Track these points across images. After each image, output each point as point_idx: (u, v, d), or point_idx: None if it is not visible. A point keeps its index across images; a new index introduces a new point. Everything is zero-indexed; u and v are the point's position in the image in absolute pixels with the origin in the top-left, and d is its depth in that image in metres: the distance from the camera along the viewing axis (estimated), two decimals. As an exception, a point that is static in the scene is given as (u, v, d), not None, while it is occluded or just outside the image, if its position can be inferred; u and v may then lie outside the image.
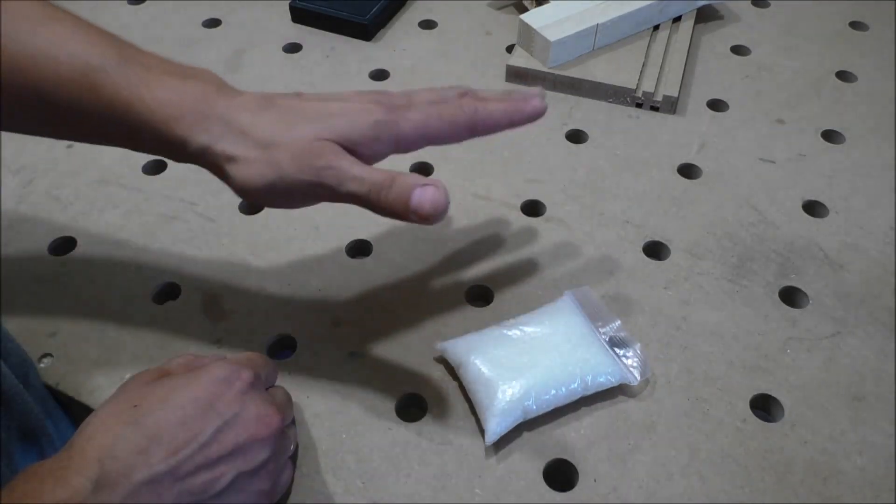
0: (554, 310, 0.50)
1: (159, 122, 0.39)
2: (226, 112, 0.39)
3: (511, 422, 0.45)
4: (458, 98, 0.41)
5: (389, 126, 0.39)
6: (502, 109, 0.41)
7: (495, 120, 0.42)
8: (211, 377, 0.39)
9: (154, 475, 0.35)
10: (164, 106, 0.39)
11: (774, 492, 0.44)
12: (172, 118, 0.39)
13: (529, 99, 0.42)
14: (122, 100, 0.39)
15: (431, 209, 0.36)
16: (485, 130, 0.42)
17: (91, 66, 0.39)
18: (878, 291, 0.53)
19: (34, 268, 0.55)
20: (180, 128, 0.39)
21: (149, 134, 0.39)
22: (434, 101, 0.41)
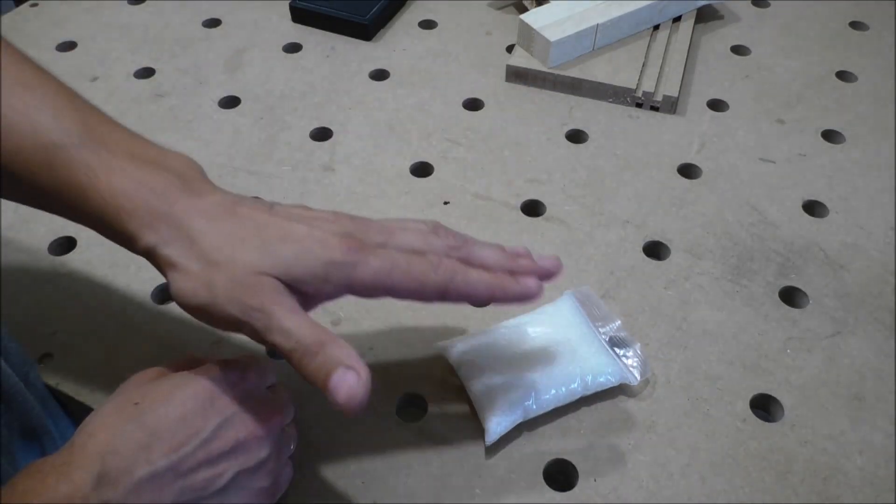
0: (554, 310, 0.50)
1: (111, 214, 0.36)
2: (182, 214, 0.36)
3: (511, 422, 0.45)
4: (440, 255, 0.38)
5: (344, 269, 0.36)
6: (485, 285, 0.38)
7: (473, 293, 0.38)
8: (211, 375, 0.39)
9: (155, 471, 0.35)
10: (117, 197, 0.36)
11: (774, 492, 0.44)
12: (124, 211, 0.36)
13: (523, 278, 0.39)
14: (77, 183, 0.37)
15: (344, 399, 0.33)
16: (458, 300, 0.38)
17: (52, 142, 0.37)
18: (878, 291, 0.53)
19: (34, 268, 0.55)
20: (131, 223, 0.36)
21: (99, 222, 0.37)
22: (411, 248, 0.37)
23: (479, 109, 0.68)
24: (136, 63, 0.73)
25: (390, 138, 0.65)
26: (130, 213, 0.36)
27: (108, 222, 0.37)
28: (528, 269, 0.40)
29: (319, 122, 0.67)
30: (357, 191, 0.61)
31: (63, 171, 0.37)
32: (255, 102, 0.69)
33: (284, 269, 0.35)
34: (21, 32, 0.77)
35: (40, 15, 0.79)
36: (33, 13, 0.80)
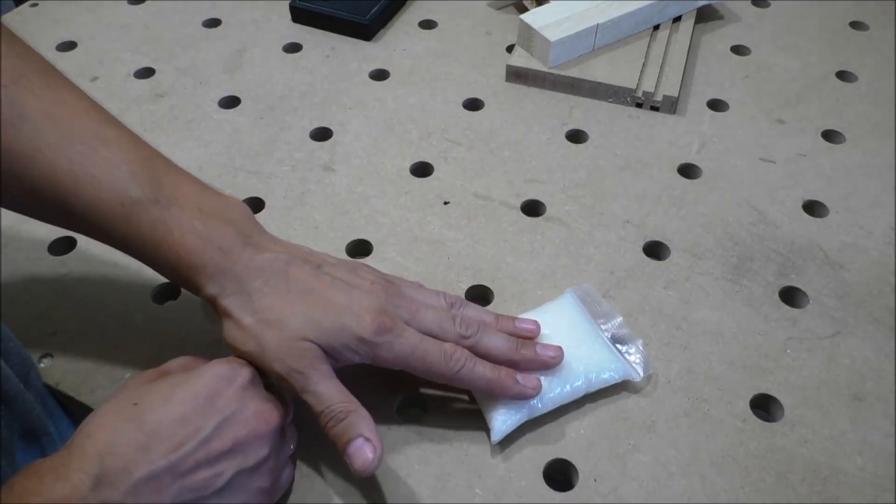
0: (556, 307, 0.50)
1: (182, 267, 0.41)
2: (242, 272, 0.41)
3: (516, 420, 0.45)
4: (453, 344, 0.43)
5: (372, 347, 0.41)
6: (486, 381, 0.43)
7: (474, 386, 0.45)
8: (210, 374, 0.39)
9: (154, 471, 0.35)
10: (189, 254, 0.41)
11: (774, 492, 0.43)
12: (194, 267, 0.41)
13: (527, 379, 0.44)
14: (152, 237, 0.41)
15: (359, 467, 0.39)
16: (460, 385, 0.44)
17: (130, 198, 0.41)
18: (878, 291, 0.53)
19: (34, 268, 0.55)
20: (199, 278, 0.41)
21: (170, 271, 0.42)
22: (430, 331, 0.43)
23: (479, 109, 0.68)
24: (136, 63, 0.73)
25: (390, 138, 0.65)
26: (199, 270, 0.41)
27: (178, 273, 0.42)
28: (529, 361, 0.45)
29: (319, 122, 0.67)
30: (357, 191, 0.61)
31: (139, 225, 0.41)
32: (255, 102, 0.69)
33: (324, 339, 0.41)
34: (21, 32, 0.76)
35: (40, 15, 0.79)
36: (33, 13, 0.80)
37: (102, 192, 0.41)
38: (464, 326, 0.44)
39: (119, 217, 0.41)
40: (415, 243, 0.57)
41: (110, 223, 0.41)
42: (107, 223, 0.41)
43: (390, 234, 0.57)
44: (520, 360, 0.45)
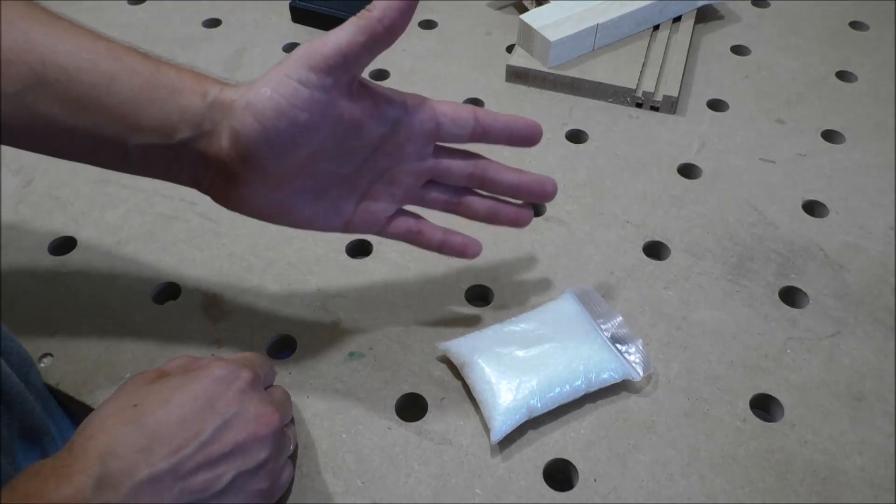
0: (556, 307, 0.50)
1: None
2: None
3: (516, 420, 0.45)
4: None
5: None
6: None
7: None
8: (210, 377, 0.39)
9: (155, 474, 0.35)
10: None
11: (774, 492, 0.44)
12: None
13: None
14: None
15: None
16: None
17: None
18: (878, 291, 0.53)
19: (34, 268, 0.55)
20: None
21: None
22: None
23: (479, 109, 0.68)
24: (136, 63, 0.73)
25: (390, 138, 0.65)
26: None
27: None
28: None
29: (319, 122, 0.67)
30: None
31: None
32: (255, 102, 0.69)
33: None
34: (21, 32, 0.77)
35: (40, 15, 0.79)
36: (33, 13, 0.80)
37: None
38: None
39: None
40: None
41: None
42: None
43: (390, 234, 0.57)
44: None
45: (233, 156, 0.39)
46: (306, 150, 0.40)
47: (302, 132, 0.39)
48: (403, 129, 0.42)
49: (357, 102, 0.40)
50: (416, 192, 0.46)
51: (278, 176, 0.40)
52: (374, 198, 0.44)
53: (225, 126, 0.39)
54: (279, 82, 0.38)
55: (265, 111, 0.38)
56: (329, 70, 0.38)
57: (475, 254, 0.48)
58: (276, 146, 0.39)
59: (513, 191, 0.47)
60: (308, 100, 0.38)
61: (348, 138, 0.41)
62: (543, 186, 0.47)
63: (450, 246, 0.47)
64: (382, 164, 0.43)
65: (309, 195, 0.42)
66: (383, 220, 0.45)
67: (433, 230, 0.47)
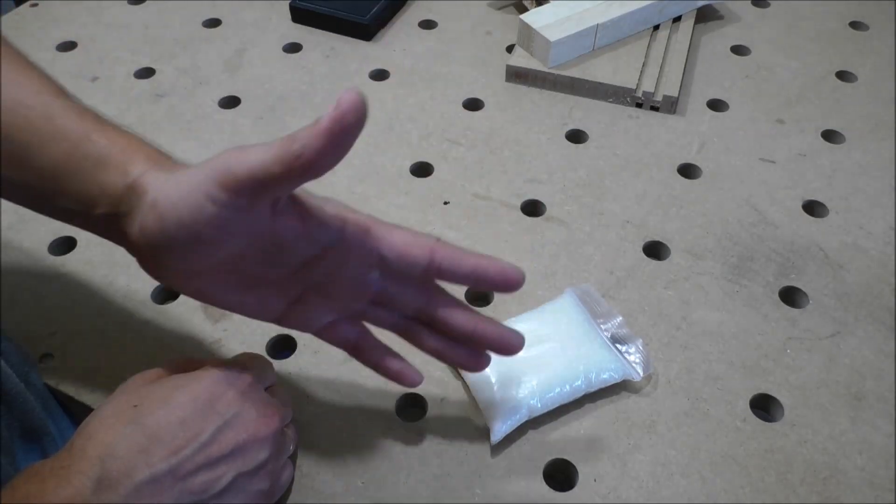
0: (556, 307, 0.50)
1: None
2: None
3: (516, 420, 0.45)
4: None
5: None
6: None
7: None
8: (210, 377, 0.39)
9: (155, 475, 0.35)
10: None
11: (774, 492, 0.44)
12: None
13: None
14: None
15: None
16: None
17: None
18: (878, 291, 0.53)
19: (34, 268, 0.55)
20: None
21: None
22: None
23: (479, 109, 0.68)
24: (136, 63, 0.73)
25: (390, 138, 0.65)
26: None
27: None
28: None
29: (319, 122, 0.67)
30: (357, 191, 0.61)
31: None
32: (255, 102, 0.69)
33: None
34: (21, 32, 0.77)
35: (40, 15, 0.79)
36: (33, 13, 0.80)
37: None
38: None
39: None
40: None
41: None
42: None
43: (390, 234, 0.57)
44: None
45: (142, 244, 0.36)
46: (215, 258, 0.36)
47: (206, 245, 0.35)
48: (337, 254, 0.38)
49: (281, 222, 0.36)
50: (358, 308, 0.41)
51: (190, 271, 0.37)
52: (307, 304, 0.40)
53: (137, 214, 0.36)
54: (188, 191, 0.34)
55: (166, 217, 0.34)
56: (240, 192, 0.33)
57: (411, 384, 0.43)
58: (178, 251, 0.35)
59: (466, 337, 0.41)
60: (213, 217, 0.34)
61: (270, 252, 0.37)
62: (502, 340, 0.40)
63: (384, 370, 0.43)
64: (315, 278, 0.39)
65: (233, 287, 0.39)
66: (317, 327, 0.41)
67: (371, 350, 0.42)
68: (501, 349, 0.41)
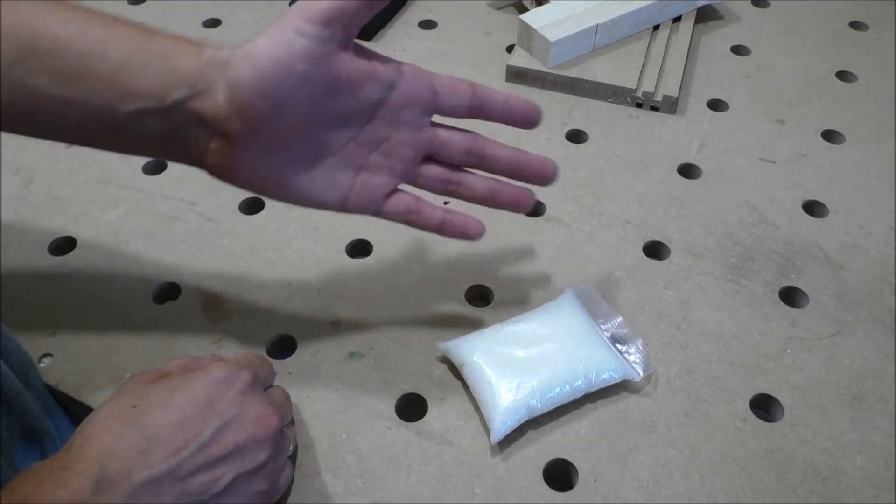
0: (556, 307, 0.50)
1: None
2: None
3: (516, 420, 0.45)
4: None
5: None
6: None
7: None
8: (210, 378, 0.39)
9: (154, 476, 0.35)
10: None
11: (774, 492, 0.44)
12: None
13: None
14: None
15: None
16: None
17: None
18: (878, 291, 0.53)
19: (34, 268, 0.55)
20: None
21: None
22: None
23: (479, 109, 0.68)
24: (135, 63, 0.73)
25: (390, 138, 0.65)
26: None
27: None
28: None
29: (319, 122, 0.67)
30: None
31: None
32: (255, 102, 0.69)
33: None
34: (21, 32, 0.77)
35: (40, 15, 0.79)
36: (33, 13, 0.79)
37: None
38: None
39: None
40: (415, 243, 0.57)
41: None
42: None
43: (390, 234, 0.57)
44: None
45: (229, 111, 0.38)
46: (303, 108, 0.39)
47: (299, 84, 0.38)
48: (399, 94, 0.42)
49: (353, 62, 0.39)
50: (414, 169, 0.44)
51: (274, 136, 0.39)
52: (371, 170, 0.43)
53: (221, 82, 0.38)
54: (276, 33, 0.37)
55: (262, 60, 0.37)
56: (326, 23, 0.37)
57: (477, 234, 0.47)
58: (273, 97, 0.38)
59: (512, 168, 0.45)
60: (305, 50, 0.37)
61: (345, 100, 0.40)
62: (544, 165, 0.46)
63: (450, 225, 0.46)
64: (379, 132, 0.42)
65: (305, 164, 0.41)
66: (381, 197, 0.44)
67: (433, 209, 0.46)
68: (542, 174, 0.46)
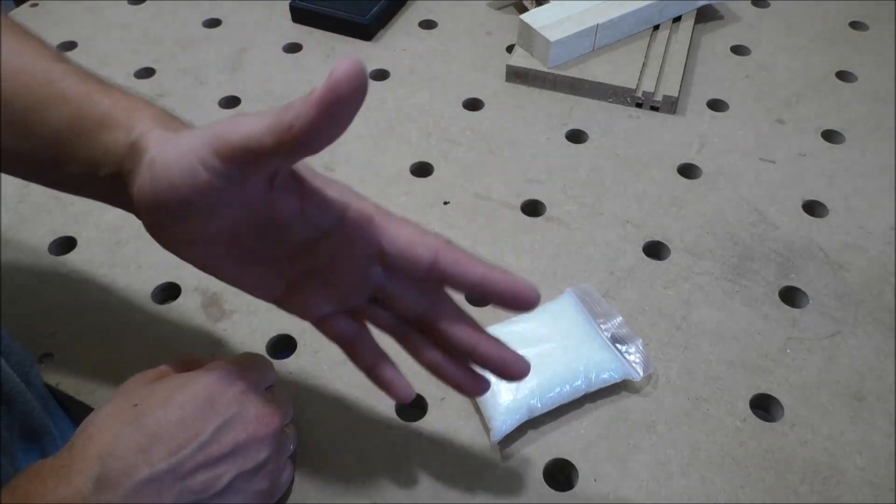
0: (556, 307, 0.50)
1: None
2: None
3: (516, 420, 0.45)
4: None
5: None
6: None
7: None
8: (210, 377, 0.39)
9: (155, 474, 0.35)
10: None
11: (774, 492, 0.44)
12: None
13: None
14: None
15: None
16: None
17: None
18: (878, 291, 0.53)
19: (34, 268, 0.55)
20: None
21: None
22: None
23: (479, 109, 0.68)
24: (136, 63, 0.73)
25: (390, 138, 0.65)
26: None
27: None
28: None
29: (319, 122, 0.67)
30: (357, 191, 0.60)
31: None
32: (256, 102, 0.69)
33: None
34: (21, 32, 0.77)
35: (40, 15, 0.79)
36: (33, 13, 0.80)
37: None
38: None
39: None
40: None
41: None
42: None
43: (390, 234, 0.57)
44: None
45: (140, 205, 0.35)
46: (210, 228, 0.35)
47: (199, 213, 0.34)
48: (337, 241, 0.37)
49: (278, 199, 0.35)
50: (358, 303, 0.39)
51: (189, 239, 0.36)
52: (305, 289, 0.38)
53: (136, 174, 0.35)
54: (182, 154, 0.33)
55: (160, 179, 0.33)
56: (234, 161, 0.32)
57: (400, 397, 0.40)
58: (171, 215, 0.34)
59: (467, 353, 0.38)
60: (205, 184, 0.32)
61: (267, 229, 0.36)
62: (506, 364, 0.37)
63: (376, 376, 0.40)
64: (315, 263, 0.37)
65: (233, 261, 0.37)
66: (315, 317, 0.39)
67: (366, 352, 0.40)
68: (503, 374, 0.37)
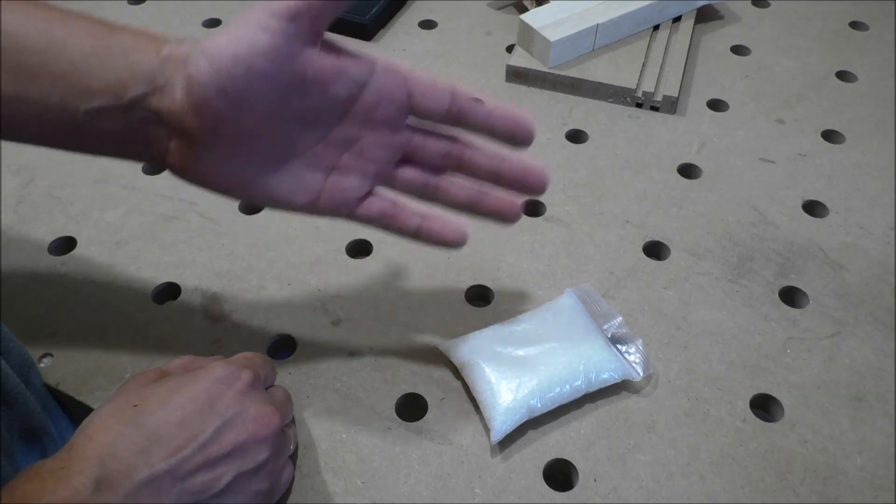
0: (556, 307, 0.50)
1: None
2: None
3: (516, 420, 0.45)
4: None
5: None
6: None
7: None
8: (210, 377, 0.39)
9: (154, 475, 0.35)
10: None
11: (774, 492, 0.44)
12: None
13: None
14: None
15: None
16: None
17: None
18: (878, 291, 0.53)
19: (34, 268, 0.55)
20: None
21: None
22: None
23: (479, 109, 0.68)
24: (135, 63, 0.73)
25: (390, 138, 0.65)
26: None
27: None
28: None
29: (319, 122, 0.67)
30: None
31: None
32: (255, 102, 0.69)
33: None
34: (21, 32, 0.77)
35: (40, 15, 0.79)
36: (33, 13, 0.79)
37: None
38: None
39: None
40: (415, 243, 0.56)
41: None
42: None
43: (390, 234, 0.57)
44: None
45: (186, 108, 0.36)
46: (265, 106, 0.36)
47: (259, 81, 0.35)
48: (371, 93, 0.39)
49: (321, 58, 0.37)
50: (389, 171, 0.41)
51: (235, 135, 0.37)
52: (343, 172, 0.40)
53: (179, 78, 0.36)
54: (238, 27, 0.35)
55: (221, 56, 0.35)
56: (290, 18, 0.35)
57: (454, 242, 0.43)
58: (232, 95, 0.35)
59: (493, 178, 0.42)
60: (267, 46, 0.35)
61: (312, 98, 0.38)
62: (529, 176, 0.42)
63: (427, 231, 0.43)
64: (351, 132, 0.40)
65: (271, 164, 0.39)
66: (353, 200, 0.41)
67: (409, 215, 0.42)
68: (528, 182, 0.42)
